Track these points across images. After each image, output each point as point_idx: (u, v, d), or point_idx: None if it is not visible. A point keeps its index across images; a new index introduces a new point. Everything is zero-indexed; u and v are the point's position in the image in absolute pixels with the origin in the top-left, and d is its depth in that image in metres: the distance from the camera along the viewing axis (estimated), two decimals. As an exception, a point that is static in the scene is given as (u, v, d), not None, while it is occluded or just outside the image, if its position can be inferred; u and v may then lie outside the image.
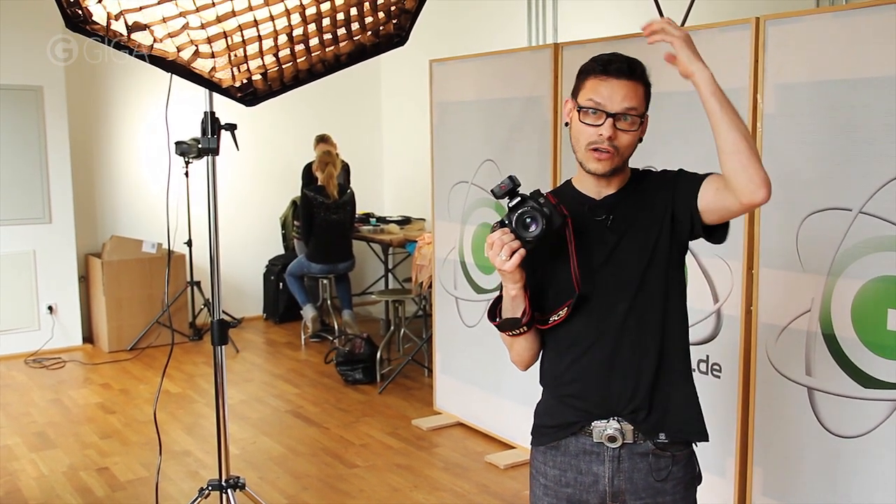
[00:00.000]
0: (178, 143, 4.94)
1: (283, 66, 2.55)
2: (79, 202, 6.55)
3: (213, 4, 2.37)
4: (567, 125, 1.82)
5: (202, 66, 2.48)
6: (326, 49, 2.56)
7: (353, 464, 4.18)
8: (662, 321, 1.80)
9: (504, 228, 1.71)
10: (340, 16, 2.50)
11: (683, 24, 3.81)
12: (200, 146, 2.90)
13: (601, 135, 1.73)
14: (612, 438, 1.79)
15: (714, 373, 3.22)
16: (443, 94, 4.60)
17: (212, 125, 2.88)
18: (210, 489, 3.10)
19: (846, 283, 2.75)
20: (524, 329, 1.80)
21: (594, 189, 1.82)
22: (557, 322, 1.79)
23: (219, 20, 2.40)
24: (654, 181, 1.84)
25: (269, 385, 5.59)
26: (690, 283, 3.10)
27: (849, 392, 2.76)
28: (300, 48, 2.52)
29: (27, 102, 6.18)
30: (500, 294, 1.82)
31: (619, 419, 1.80)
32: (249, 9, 2.40)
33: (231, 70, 2.52)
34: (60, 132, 6.33)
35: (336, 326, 6.62)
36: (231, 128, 2.95)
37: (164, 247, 6.56)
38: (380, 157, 8.13)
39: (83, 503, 3.79)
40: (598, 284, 1.79)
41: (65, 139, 6.35)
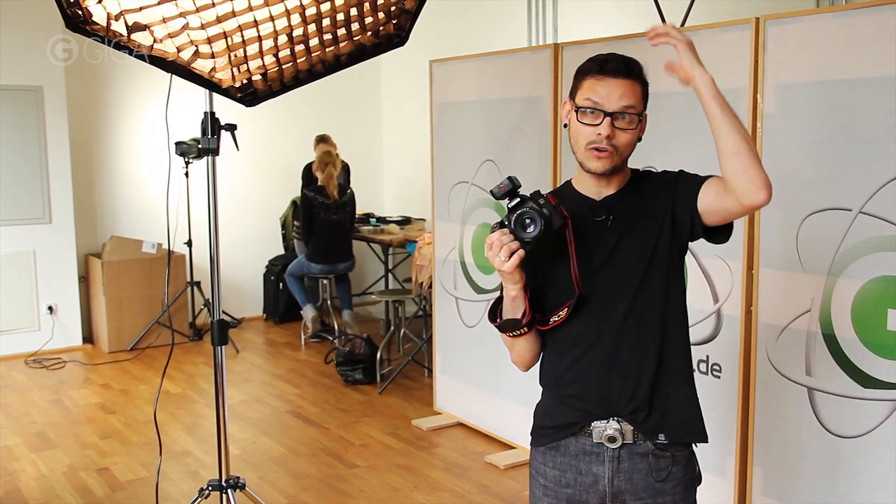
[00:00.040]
0: (179, 144, 4.95)
1: (283, 67, 2.55)
2: (79, 202, 6.55)
3: (213, 5, 2.37)
4: (566, 127, 1.83)
5: (202, 67, 2.48)
6: (326, 49, 2.56)
7: (353, 464, 4.19)
8: (662, 321, 1.80)
9: (503, 229, 1.71)
10: (340, 16, 2.50)
11: (683, 24, 3.80)
12: (200, 146, 2.91)
13: (600, 134, 1.73)
14: (612, 439, 1.79)
15: (714, 373, 3.22)
16: (443, 95, 4.60)
17: (212, 125, 2.89)
18: (210, 489, 3.11)
19: (846, 283, 2.75)
20: (524, 330, 1.80)
21: (594, 189, 1.82)
22: (558, 323, 1.79)
23: (219, 20, 2.40)
24: (655, 182, 1.84)
25: (269, 385, 5.59)
26: (690, 283, 3.10)
27: (849, 392, 2.76)
28: (300, 48, 2.53)
29: (27, 103, 6.18)
30: (501, 295, 1.82)
31: (619, 419, 1.80)
32: (249, 9, 2.41)
33: (231, 70, 2.52)
34: (60, 132, 6.33)
35: (336, 327, 6.62)
36: (231, 128, 2.95)
37: (164, 247, 6.56)
38: (380, 158, 8.13)
39: (83, 503, 3.80)
40: (599, 285, 1.79)
41: (65, 139, 6.35)
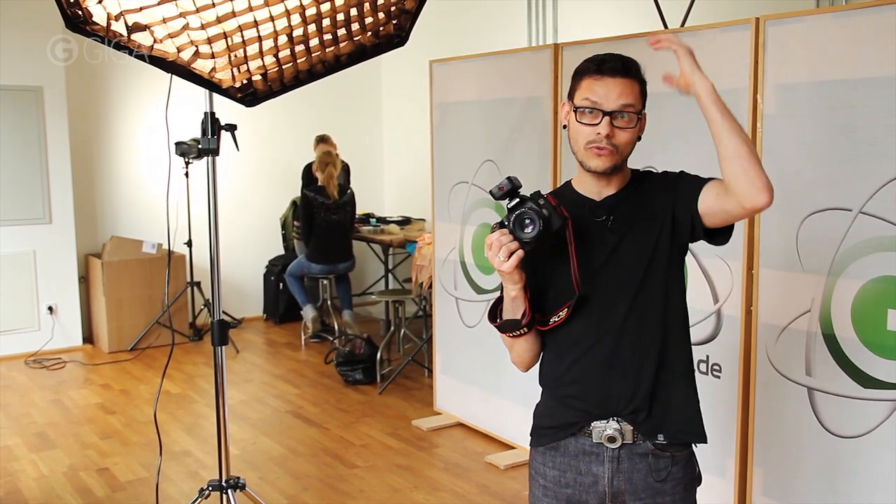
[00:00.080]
0: (179, 144, 4.94)
1: (284, 67, 2.55)
2: (79, 202, 6.55)
3: (214, 5, 2.37)
4: (565, 128, 1.83)
5: (202, 67, 2.48)
6: (326, 49, 2.56)
7: (354, 464, 4.19)
8: (663, 322, 1.80)
9: (503, 229, 1.71)
10: (340, 16, 2.50)
11: (683, 25, 3.81)
12: (200, 147, 2.91)
13: (599, 133, 1.73)
14: (612, 439, 1.79)
15: (714, 373, 3.22)
16: (443, 95, 4.60)
17: (212, 126, 2.89)
18: (210, 489, 3.11)
19: (846, 284, 2.75)
20: (524, 330, 1.80)
21: (594, 190, 1.82)
22: (557, 323, 1.79)
23: (219, 21, 2.40)
24: (655, 182, 1.84)
25: (270, 385, 5.59)
26: (690, 284, 3.10)
27: (849, 392, 2.76)
28: (300, 49, 2.53)
29: (27, 103, 6.18)
30: (501, 295, 1.82)
31: (619, 419, 1.80)
32: (249, 9, 2.41)
33: (231, 70, 2.52)
34: (60, 132, 6.33)
35: (336, 327, 6.62)
36: (231, 128, 2.95)
37: (165, 247, 6.56)
38: (380, 158, 8.13)
39: (83, 503, 3.80)
40: (599, 285, 1.79)
41: (65, 139, 6.35)
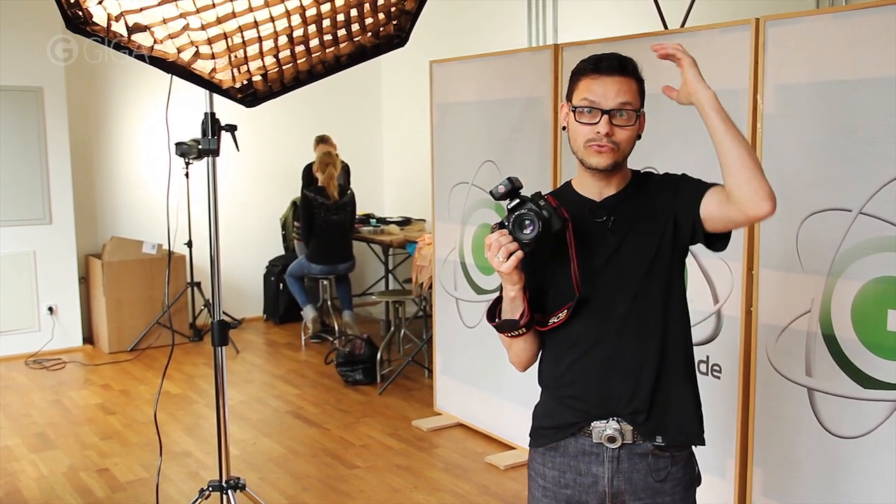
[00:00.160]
0: (179, 144, 4.94)
1: (284, 67, 2.55)
2: (79, 203, 6.55)
3: (214, 6, 2.37)
4: (564, 129, 1.83)
5: (202, 68, 2.48)
6: (327, 50, 2.56)
7: (354, 464, 4.19)
8: (663, 323, 1.80)
9: (502, 230, 1.71)
10: (341, 17, 2.50)
11: (683, 25, 3.81)
12: (201, 147, 2.90)
13: (598, 132, 1.73)
14: (612, 439, 1.79)
15: (714, 373, 3.22)
16: (443, 95, 4.60)
17: (212, 126, 2.89)
18: (210, 490, 3.11)
19: (846, 284, 2.75)
20: (522, 331, 1.80)
21: (595, 190, 1.82)
22: (557, 324, 1.79)
23: (219, 21, 2.40)
24: (656, 184, 1.84)
25: (270, 386, 5.59)
26: (691, 284, 3.11)
27: (849, 393, 2.76)
28: (300, 49, 2.53)
29: (27, 103, 6.18)
30: (500, 295, 1.82)
31: (619, 420, 1.79)
32: (250, 10, 2.41)
33: (231, 71, 2.52)
34: (60, 133, 6.33)
35: (336, 327, 6.62)
36: (231, 129, 2.95)
37: (165, 248, 6.56)
38: (380, 158, 8.13)
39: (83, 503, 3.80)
40: (599, 286, 1.79)
41: (65, 140, 6.36)
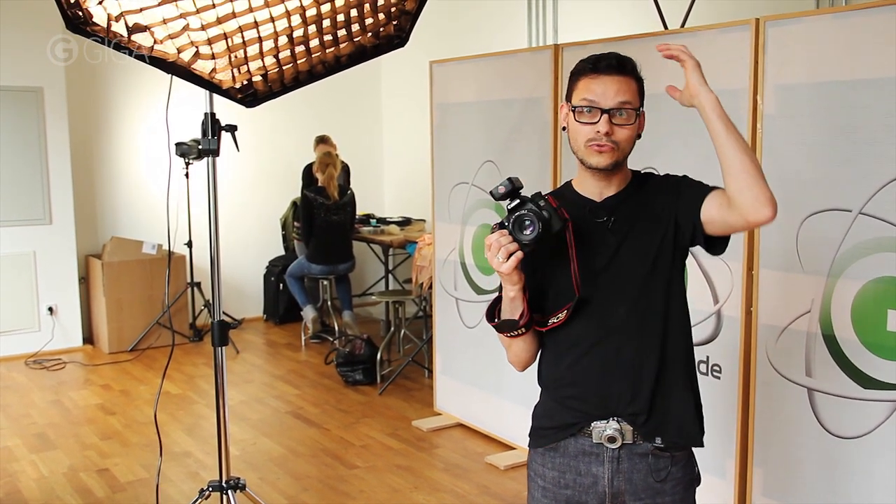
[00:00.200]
0: (179, 145, 4.94)
1: (284, 68, 2.55)
2: (79, 203, 6.55)
3: (214, 6, 2.37)
4: (564, 129, 1.82)
5: (202, 68, 2.48)
6: (327, 50, 2.56)
7: (354, 465, 4.19)
8: (664, 323, 1.80)
9: (502, 230, 1.71)
10: (341, 17, 2.51)
11: (683, 25, 3.81)
12: (201, 147, 2.90)
13: (598, 131, 1.73)
14: (612, 439, 1.79)
15: (714, 374, 3.22)
16: (443, 96, 4.60)
17: (212, 126, 2.89)
18: (210, 490, 3.11)
19: (846, 284, 2.75)
20: (522, 331, 1.80)
21: (595, 190, 1.82)
22: (556, 325, 1.79)
23: (219, 21, 2.40)
24: (657, 185, 1.84)
25: (270, 386, 5.59)
26: (691, 284, 3.10)
27: (849, 393, 2.76)
28: (300, 49, 2.53)
29: (27, 104, 6.18)
30: (499, 295, 1.82)
31: (619, 420, 1.79)
32: (250, 10, 2.41)
33: (231, 71, 2.52)
34: (61, 133, 6.33)
35: (336, 327, 6.62)
36: (231, 129, 2.95)
37: (165, 248, 6.56)
38: (380, 158, 8.13)
39: (83, 504, 3.80)
40: (600, 287, 1.79)
41: (65, 140, 6.36)
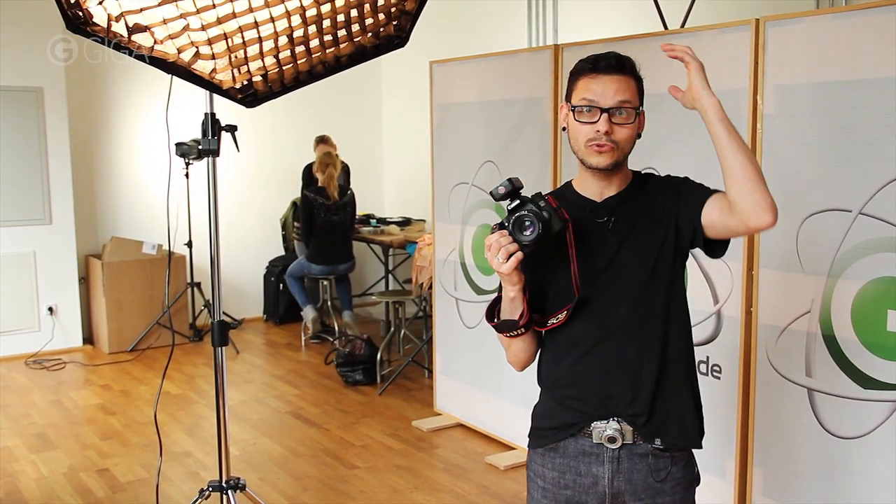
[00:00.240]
0: (179, 145, 4.94)
1: (284, 68, 2.55)
2: (79, 203, 6.55)
3: (214, 6, 2.37)
4: (564, 130, 1.83)
5: (203, 68, 2.48)
6: (327, 50, 2.56)
7: (354, 465, 4.19)
8: (664, 324, 1.80)
9: (502, 231, 1.71)
10: (341, 17, 2.51)
11: (683, 26, 3.81)
12: (201, 147, 2.90)
13: (598, 131, 1.73)
14: (612, 439, 1.79)
15: (714, 374, 3.22)
16: (443, 96, 4.60)
17: (212, 126, 2.89)
18: (210, 490, 3.11)
19: (846, 285, 2.75)
20: (521, 331, 1.80)
21: (595, 190, 1.82)
22: (556, 325, 1.79)
23: (219, 22, 2.40)
24: (658, 185, 1.83)
25: (270, 386, 5.59)
26: (691, 285, 3.10)
27: (849, 393, 2.77)
28: (300, 49, 2.53)
29: (27, 104, 6.19)
30: (499, 294, 1.82)
31: (619, 420, 1.79)
32: (250, 10, 2.41)
33: (231, 71, 2.52)
34: (61, 133, 6.33)
35: (336, 327, 6.62)
36: (231, 129, 2.95)
37: (165, 248, 6.56)
38: (380, 159, 8.14)
39: (83, 504, 3.80)
40: (600, 287, 1.79)
41: (65, 140, 6.36)
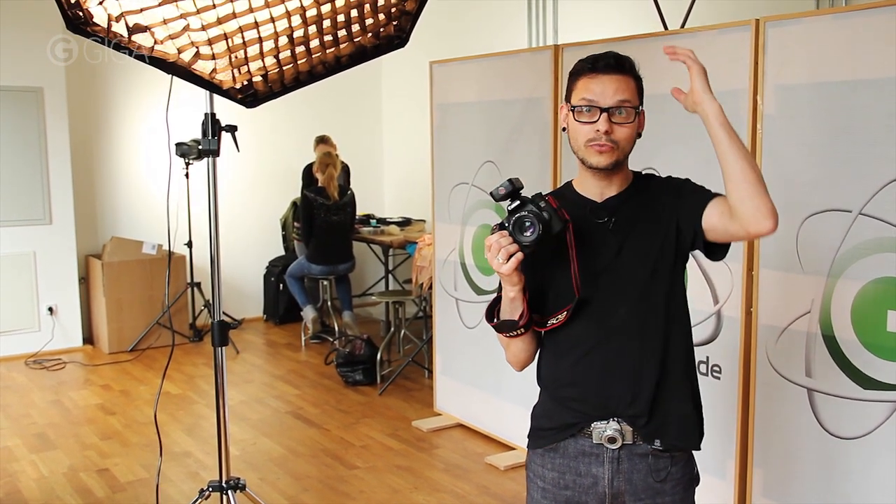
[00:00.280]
0: (179, 145, 4.95)
1: (284, 68, 2.55)
2: (79, 203, 6.55)
3: (214, 6, 2.37)
4: (564, 130, 1.83)
5: (203, 68, 2.48)
6: (327, 51, 2.56)
7: (354, 465, 4.19)
8: (665, 325, 1.80)
9: (502, 231, 1.71)
10: (341, 17, 2.51)
11: (683, 26, 3.81)
12: (201, 147, 2.90)
13: (598, 130, 1.73)
14: (612, 439, 1.79)
15: (714, 374, 3.23)
16: (443, 96, 4.60)
17: (212, 126, 2.89)
18: (210, 490, 3.11)
19: (846, 285, 2.75)
20: (521, 331, 1.80)
21: (596, 190, 1.82)
22: (556, 326, 1.79)
23: (220, 22, 2.40)
24: (658, 186, 1.83)
25: (270, 386, 5.59)
26: (691, 285, 3.10)
27: (848, 393, 2.77)
28: (301, 50, 2.53)
29: (27, 104, 6.19)
30: (499, 295, 1.82)
31: (619, 420, 1.79)
32: (250, 10, 2.41)
33: (232, 72, 2.52)
34: (61, 133, 6.33)
35: (336, 328, 6.62)
36: (231, 129, 2.95)
37: (165, 248, 6.56)
38: (380, 159, 8.14)
39: (83, 504, 3.80)
40: (600, 288, 1.79)
41: (65, 140, 6.36)
